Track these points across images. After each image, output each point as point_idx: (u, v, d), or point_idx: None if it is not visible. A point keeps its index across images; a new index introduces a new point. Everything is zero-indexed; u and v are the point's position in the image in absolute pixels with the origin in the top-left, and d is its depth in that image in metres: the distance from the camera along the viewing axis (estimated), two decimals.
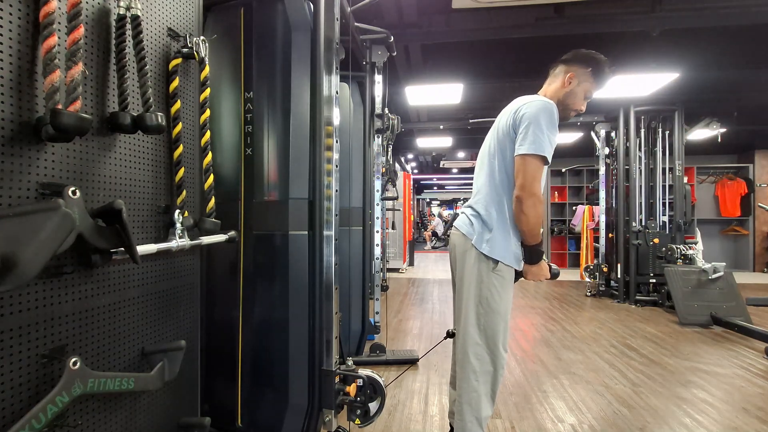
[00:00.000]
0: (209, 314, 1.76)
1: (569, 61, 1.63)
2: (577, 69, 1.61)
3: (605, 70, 1.61)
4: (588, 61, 1.61)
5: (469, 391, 1.54)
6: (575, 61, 1.62)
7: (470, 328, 1.55)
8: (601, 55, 1.62)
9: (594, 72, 1.60)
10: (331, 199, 1.66)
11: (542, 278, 1.60)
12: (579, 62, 1.61)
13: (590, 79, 1.61)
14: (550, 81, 1.67)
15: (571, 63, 1.62)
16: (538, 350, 3.28)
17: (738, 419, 2.16)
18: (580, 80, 1.61)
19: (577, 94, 1.62)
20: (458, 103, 4.97)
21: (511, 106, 1.60)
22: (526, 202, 1.46)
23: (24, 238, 0.75)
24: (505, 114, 1.60)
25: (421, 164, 11.47)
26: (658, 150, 5.11)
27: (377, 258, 3.51)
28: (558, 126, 1.53)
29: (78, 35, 0.89)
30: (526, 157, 1.47)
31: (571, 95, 1.61)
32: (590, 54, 1.62)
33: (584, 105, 1.66)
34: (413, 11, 3.16)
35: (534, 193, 1.46)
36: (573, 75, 1.61)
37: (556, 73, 1.66)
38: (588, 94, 1.63)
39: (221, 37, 1.74)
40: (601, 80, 1.62)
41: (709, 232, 7.73)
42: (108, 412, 1.07)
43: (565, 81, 1.62)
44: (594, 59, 1.61)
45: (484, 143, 1.71)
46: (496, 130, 1.63)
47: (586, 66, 1.60)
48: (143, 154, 1.19)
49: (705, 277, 4.06)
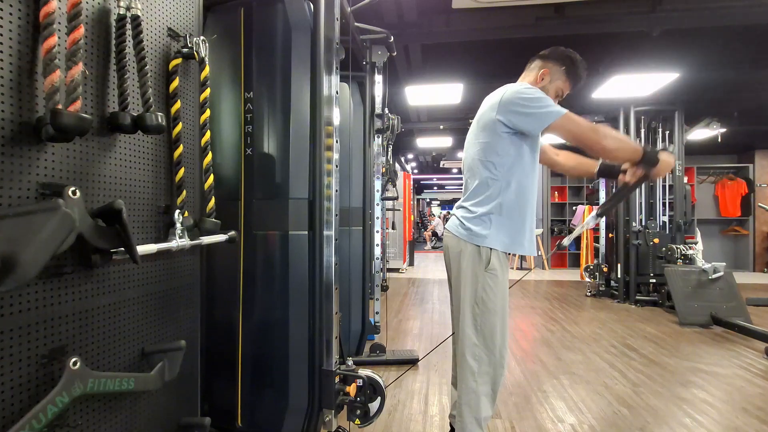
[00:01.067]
0: (209, 314, 1.76)
1: (546, 57, 1.62)
2: (552, 66, 1.60)
3: (580, 71, 1.60)
4: (563, 60, 1.60)
5: (468, 392, 1.54)
6: (551, 58, 1.61)
7: (467, 329, 1.55)
8: (579, 56, 1.60)
9: (568, 71, 1.59)
10: (331, 199, 1.66)
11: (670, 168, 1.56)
12: (554, 60, 1.61)
13: (563, 78, 1.60)
14: (525, 74, 1.67)
15: (547, 59, 1.62)
16: (538, 350, 3.28)
17: (738, 419, 2.16)
18: (553, 78, 1.60)
19: (549, 92, 1.60)
20: (458, 103, 4.97)
21: (489, 101, 1.58)
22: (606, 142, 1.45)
23: (24, 238, 0.75)
24: (486, 110, 1.58)
25: (421, 164, 11.48)
26: None
27: (377, 258, 3.51)
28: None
29: (78, 35, 0.89)
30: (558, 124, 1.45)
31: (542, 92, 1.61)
32: (567, 53, 1.61)
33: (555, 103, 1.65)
34: (413, 11, 3.16)
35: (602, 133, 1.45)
36: (547, 71, 1.60)
37: (532, 67, 1.66)
38: (559, 92, 1.63)
39: (221, 37, 1.74)
40: (574, 81, 1.62)
41: (709, 232, 7.73)
42: (108, 412, 1.07)
43: (539, 77, 1.61)
44: (570, 58, 1.60)
45: (467, 145, 1.69)
46: (478, 128, 1.61)
47: (561, 64, 1.60)
48: (143, 154, 1.19)
49: (705, 277, 4.06)
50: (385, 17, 3.19)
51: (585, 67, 1.62)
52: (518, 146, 1.53)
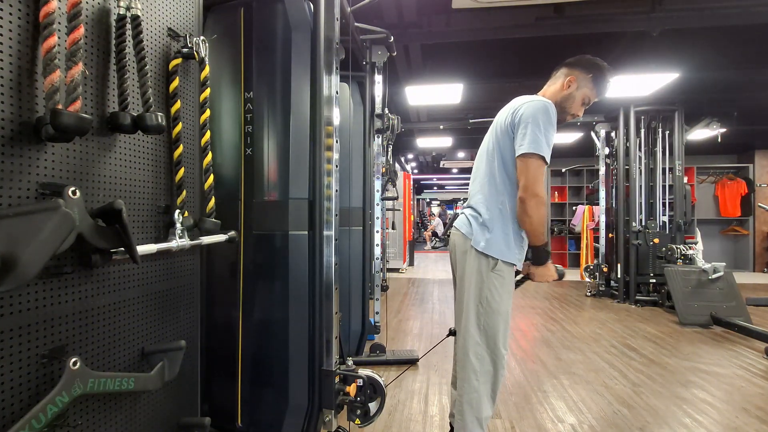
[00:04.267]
0: (209, 314, 1.76)
1: (572, 64, 1.63)
2: (579, 73, 1.61)
3: (606, 78, 1.61)
4: (590, 68, 1.61)
5: (470, 391, 1.54)
6: (578, 65, 1.62)
7: (471, 328, 1.55)
8: (605, 63, 1.62)
9: (595, 79, 1.60)
10: (331, 199, 1.66)
11: (549, 279, 1.60)
12: (581, 67, 1.61)
13: (590, 85, 1.61)
14: (551, 82, 1.68)
15: (574, 67, 1.63)
16: (538, 350, 3.28)
17: (738, 419, 2.16)
18: (580, 85, 1.61)
19: (575, 99, 1.62)
20: (458, 103, 4.97)
21: (510, 105, 1.60)
22: (529, 203, 1.47)
23: (24, 238, 0.75)
24: (504, 113, 1.61)
25: (421, 164, 11.47)
26: (658, 150, 5.11)
27: (377, 258, 3.51)
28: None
29: (78, 35, 0.89)
30: (526, 158, 1.47)
31: (569, 99, 1.62)
32: (594, 60, 1.62)
33: (581, 111, 1.66)
34: (413, 11, 3.16)
35: (536, 193, 1.46)
36: (573, 79, 1.61)
37: (558, 75, 1.66)
38: (586, 100, 1.63)
39: (221, 37, 1.74)
40: (600, 88, 1.62)
41: (709, 232, 7.73)
42: (108, 412, 1.07)
43: (565, 84, 1.62)
44: (597, 66, 1.61)
45: (483, 143, 1.71)
46: (494, 130, 1.63)
47: (588, 72, 1.60)
48: (143, 154, 1.19)
49: (705, 277, 4.06)
50: (385, 17, 3.19)
51: (611, 74, 1.63)
52: None
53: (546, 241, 1.55)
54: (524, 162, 1.48)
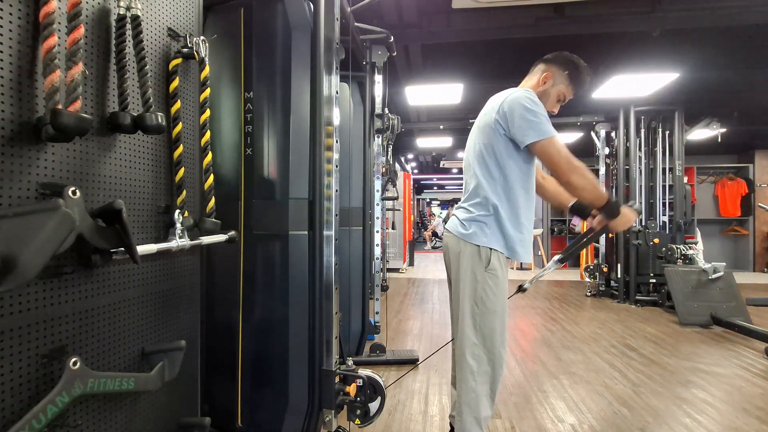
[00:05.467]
0: (209, 314, 1.76)
1: (549, 60, 1.63)
2: (555, 70, 1.60)
3: (583, 76, 1.61)
4: (567, 65, 1.60)
5: (468, 392, 1.54)
6: (555, 62, 1.62)
7: (467, 329, 1.55)
8: (583, 62, 1.61)
9: (570, 76, 1.60)
10: (331, 199, 1.66)
11: (632, 222, 1.60)
12: (558, 64, 1.61)
13: (565, 82, 1.61)
14: (528, 78, 1.67)
15: (551, 63, 1.62)
16: (538, 350, 3.28)
17: (738, 419, 2.16)
18: (555, 82, 1.60)
19: (550, 95, 1.62)
20: (458, 103, 4.97)
21: (492, 103, 1.59)
22: (573, 178, 1.47)
23: (24, 238, 0.75)
24: (488, 112, 1.59)
25: (421, 164, 11.48)
26: (658, 150, 5.11)
27: (377, 258, 3.51)
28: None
29: (78, 35, 0.89)
30: (541, 145, 1.46)
31: (544, 95, 1.61)
32: (571, 58, 1.61)
33: (557, 107, 1.66)
34: (413, 11, 3.16)
35: (574, 166, 1.46)
36: (549, 75, 1.61)
37: (535, 70, 1.66)
38: (561, 97, 1.63)
39: (221, 37, 1.74)
40: (577, 86, 1.62)
41: (709, 232, 7.73)
42: (108, 412, 1.07)
43: (541, 80, 1.61)
44: (573, 63, 1.60)
45: (469, 146, 1.69)
46: (479, 130, 1.62)
47: (564, 69, 1.60)
48: (143, 154, 1.19)
49: (705, 277, 4.06)
50: (385, 17, 3.19)
51: (589, 72, 1.62)
52: (516, 150, 1.53)
53: (608, 197, 1.54)
54: (541, 149, 1.47)
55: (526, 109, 1.46)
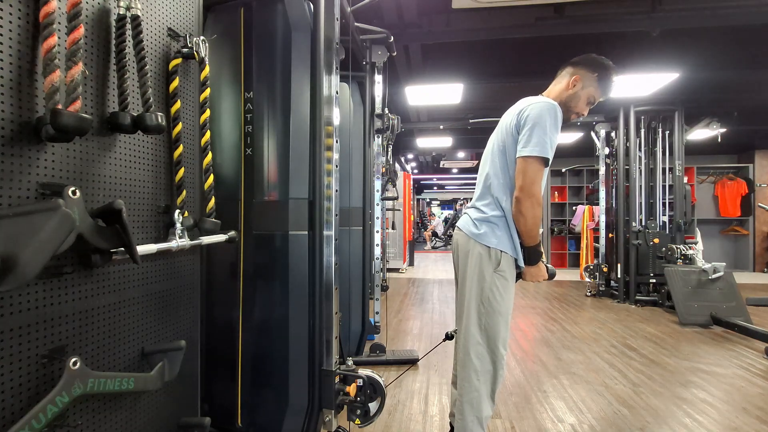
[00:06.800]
0: (209, 314, 1.76)
1: (577, 63, 1.63)
2: (584, 72, 1.61)
3: (611, 77, 1.61)
4: (595, 66, 1.61)
5: (471, 391, 1.55)
6: (583, 64, 1.62)
7: (472, 328, 1.56)
8: (611, 63, 1.61)
9: (600, 78, 1.60)
10: (331, 199, 1.66)
11: (540, 279, 1.61)
12: (586, 66, 1.61)
13: (595, 84, 1.61)
14: (556, 82, 1.68)
15: (579, 66, 1.62)
16: (538, 350, 3.28)
17: (738, 419, 2.16)
18: (585, 84, 1.61)
19: (580, 98, 1.62)
20: (458, 103, 4.96)
21: (516, 106, 1.60)
22: (525, 203, 1.47)
23: (24, 238, 0.75)
24: (510, 114, 1.61)
25: (421, 164, 11.47)
26: (658, 150, 5.11)
27: (377, 258, 3.51)
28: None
29: (78, 35, 0.89)
30: (527, 159, 1.47)
31: (574, 98, 1.61)
32: (599, 59, 1.62)
33: (587, 110, 1.66)
34: (413, 11, 3.16)
35: (533, 194, 1.46)
36: (578, 78, 1.61)
37: (563, 74, 1.66)
38: (591, 99, 1.63)
39: (221, 37, 1.74)
40: (605, 87, 1.62)
41: (709, 232, 7.72)
42: (108, 412, 1.07)
43: (570, 83, 1.62)
44: (602, 65, 1.60)
45: (489, 143, 1.71)
46: (500, 130, 1.64)
47: (593, 71, 1.60)
48: (143, 154, 1.19)
49: (705, 277, 4.06)
50: (385, 17, 3.19)
51: (616, 73, 1.62)
52: None
53: (539, 241, 1.56)
54: (524, 163, 1.48)
55: (544, 125, 1.47)
